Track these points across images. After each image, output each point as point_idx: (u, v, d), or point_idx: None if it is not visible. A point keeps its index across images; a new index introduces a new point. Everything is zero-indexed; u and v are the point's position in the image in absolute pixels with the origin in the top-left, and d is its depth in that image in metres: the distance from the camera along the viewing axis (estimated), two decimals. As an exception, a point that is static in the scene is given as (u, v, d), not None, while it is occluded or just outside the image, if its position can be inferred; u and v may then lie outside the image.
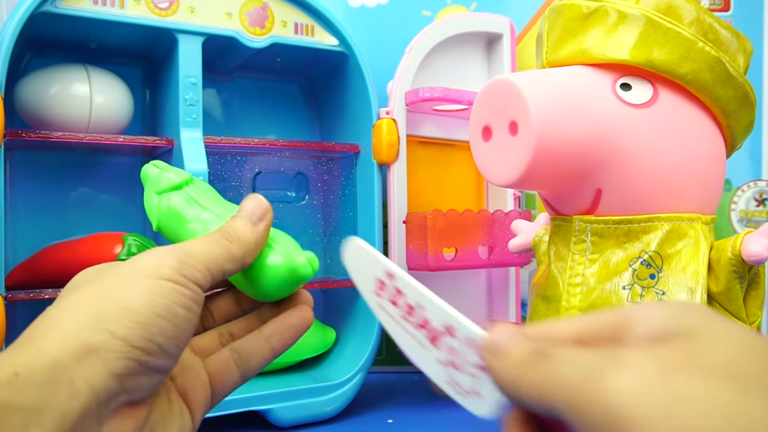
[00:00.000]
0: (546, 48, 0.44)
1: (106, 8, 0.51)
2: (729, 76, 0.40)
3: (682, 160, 0.40)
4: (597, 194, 0.41)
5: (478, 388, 0.24)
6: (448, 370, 0.25)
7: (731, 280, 0.39)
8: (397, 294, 0.27)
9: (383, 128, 0.61)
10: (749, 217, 0.75)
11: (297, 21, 0.59)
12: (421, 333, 0.26)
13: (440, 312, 0.25)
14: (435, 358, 0.26)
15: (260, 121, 0.70)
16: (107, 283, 0.28)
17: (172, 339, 0.28)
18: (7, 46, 0.47)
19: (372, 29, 0.74)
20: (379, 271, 0.28)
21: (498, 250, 0.64)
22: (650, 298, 0.39)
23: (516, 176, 0.39)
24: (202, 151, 0.54)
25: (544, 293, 0.44)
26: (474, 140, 0.43)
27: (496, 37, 0.71)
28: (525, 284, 0.74)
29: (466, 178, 0.72)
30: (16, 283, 0.53)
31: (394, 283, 0.27)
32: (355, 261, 0.29)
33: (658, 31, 0.39)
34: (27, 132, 0.50)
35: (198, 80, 0.55)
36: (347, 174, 0.66)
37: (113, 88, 0.56)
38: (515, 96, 0.38)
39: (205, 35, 0.55)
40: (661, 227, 0.40)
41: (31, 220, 0.59)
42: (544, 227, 0.51)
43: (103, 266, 0.31)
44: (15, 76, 0.55)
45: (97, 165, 0.62)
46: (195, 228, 0.34)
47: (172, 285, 0.28)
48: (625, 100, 0.40)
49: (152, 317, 0.27)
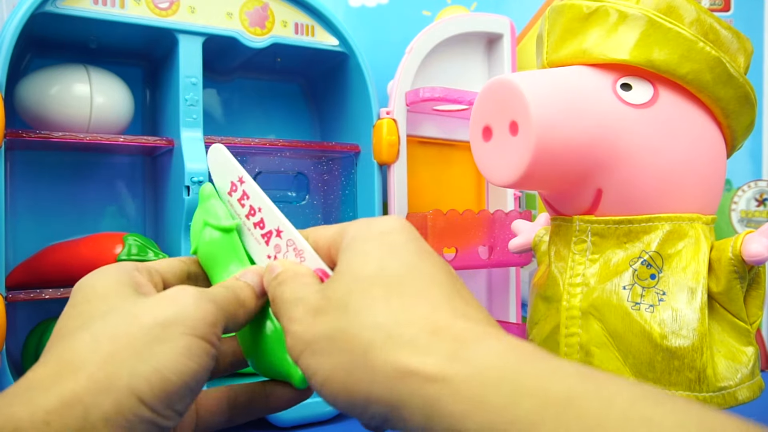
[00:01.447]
0: (546, 48, 0.44)
1: (106, 8, 0.51)
2: (729, 76, 0.40)
3: (682, 160, 0.40)
4: (597, 194, 0.41)
5: None
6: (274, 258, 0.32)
7: (732, 280, 0.39)
8: (244, 196, 0.33)
9: (383, 128, 0.61)
10: (750, 217, 0.75)
11: (297, 21, 0.59)
12: (257, 231, 0.32)
13: (273, 216, 0.32)
14: (265, 253, 0.32)
15: (260, 121, 0.70)
16: (145, 330, 0.26)
17: (189, 402, 0.27)
18: (8, 46, 0.47)
19: (372, 29, 0.74)
20: (233, 175, 0.34)
21: (498, 250, 0.64)
22: (651, 298, 0.39)
23: (516, 176, 0.39)
24: (202, 151, 0.54)
25: (545, 293, 0.44)
26: (474, 140, 0.43)
27: (496, 37, 0.71)
28: (525, 284, 0.73)
29: (467, 178, 0.72)
30: (16, 283, 0.53)
31: (244, 187, 0.33)
32: (216, 163, 0.35)
33: (658, 31, 0.39)
34: (27, 132, 0.50)
35: (198, 80, 0.55)
36: (347, 174, 0.66)
37: (113, 88, 0.56)
38: (515, 96, 0.38)
39: (206, 35, 0.55)
40: (661, 227, 0.40)
41: (31, 220, 0.59)
42: (545, 227, 0.51)
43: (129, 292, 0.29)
44: (15, 76, 0.55)
45: (98, 165, 0.62)
46: (224, 278, 0.33)
47: (205, 346, 0.27)
48: (625, 100, 0.40)
49: (181, 386, 0.26)
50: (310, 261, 0.30)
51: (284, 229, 0.31)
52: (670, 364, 0.38)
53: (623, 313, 0.39)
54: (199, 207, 0.35)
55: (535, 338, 0.45)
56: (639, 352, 0.39)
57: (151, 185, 0.63)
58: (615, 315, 0.40)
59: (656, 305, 0.39)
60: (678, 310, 0.38)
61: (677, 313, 0.38)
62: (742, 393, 0.39)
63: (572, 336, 0.41)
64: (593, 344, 0.40)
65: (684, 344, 0.38)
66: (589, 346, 0.40)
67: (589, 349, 0.40)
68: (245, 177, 0.33)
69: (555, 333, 0.42)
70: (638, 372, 0.39)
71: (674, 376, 0.38)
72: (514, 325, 0.68)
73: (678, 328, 0.38)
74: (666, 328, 0.38)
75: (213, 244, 0.33)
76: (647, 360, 0.38)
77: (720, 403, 0.38)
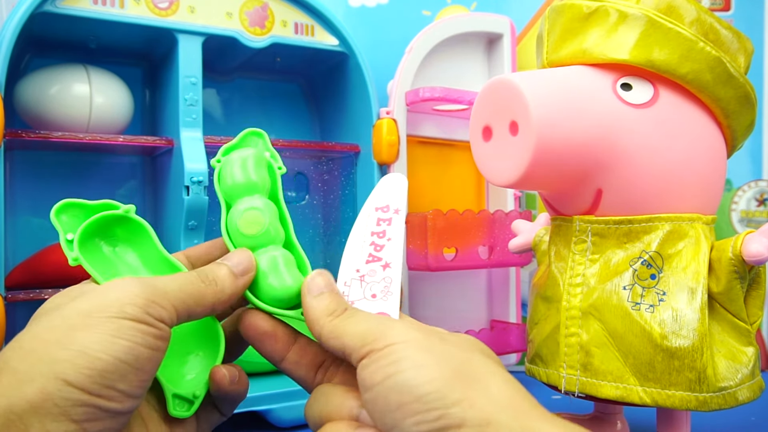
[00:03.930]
0: (546, 48, 0.44)
1: (106, 8, 0.51)
2: (729, 76, 0.40)
3: (682, 160, 0.40)
4: (597, 194, 0.41)
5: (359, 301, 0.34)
6: (358, 278, 0.35)
7: (732, 280, 0.39)
8: (388, 222, 0.37)
9: (383, 128, 0.61)
10: (750, 217, 0.75)
11: (297, 21, 0.59)
12: (371, 248, 0.36)
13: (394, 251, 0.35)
14: (357, 266, 0.35)
15: (260, 121, 0.70)
16: (68, 321, 0.27)
17: (135, 382, 0.27)
18: (7, 46, 0.47)
19: (372, 29, 0.74)
20: (396, 203, 0.37)
21: (498, 250, 0.64)
22: (651, 298, 0.39)
23: (516, 176, 0.39)
24: (202, 151, 0.54)
25: (545, 293, 0.44)
26: (474, 140, 0.43)
27: (496, 37, 0.70)
28: (525, 284, 0.73)
29: (466, 178, 0.72)
30: (16, 283, 0.53)
31: (395, 216, 0.37)
32: (390, 186, 0.38)
33: (658, 31, 0.39)
34: (27, 132, 0.50)
35: (198, 80, 0.55)
36: (347, 174, 0.66)
37: (113, 88, 0.56)
38: (515, 96, 0.38)
39: (205, 35, 0.55)
40: (661, 227, 0.40)
41: (31, 220, 0.59)
42: (545, 227, 0.51)
43: (71, 294, 0.30)
44: (15, 76, 0.55)
45: (97, 165, 0.62)
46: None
47: (137, 325, 0.27)
48: (625, 100, 0.40)
49: (113, 362, 0.26)
50: (381, 303, 0.34)
51: (392, 268, 0.35)
52: (670, 365, 0.38)
53: (623, 313, 0.39)
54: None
55: (535, 338, 0.45)
56: (639, 353, 0.39)
57: (150, 185, 0.63)
58: (615, 315, 0.40)
59: (656, 305, 0.39)
60: (678, 310, 0.38)
61: (677, 313, 0.38)
62: (742, 393, 0.39)
63: (572, 336, 0.41)
64: (593, 344, 0.40)
65: (684, 344, 0.38)
66: (589, 346, 0.40)
67: (589, 349, 0.40)
68: (402, 212, 0.37)
69: (555, 333, 0.42)
70: (638, 372, 0.39)
71: (674, 376, 0.38)
72: (514, 325, 0.68)
73: (678, 329, 0.38)
74: (666, 329, 0.38)
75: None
76: (647, 360, 0.38)
77: (720, 403, 0.38)
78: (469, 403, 0.26)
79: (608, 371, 0.40)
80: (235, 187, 0.37)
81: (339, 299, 0.33)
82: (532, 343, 0.45)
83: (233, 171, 0.37)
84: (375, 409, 0.28)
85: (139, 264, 0.36)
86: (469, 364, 0.28)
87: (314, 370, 0.35)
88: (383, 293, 0.34)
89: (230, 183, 0.37)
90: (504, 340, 0.67)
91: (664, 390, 0.38)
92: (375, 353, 0.28)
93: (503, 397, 0.27)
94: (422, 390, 0.26)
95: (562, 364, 0.41)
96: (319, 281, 0.33)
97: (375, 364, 0.28)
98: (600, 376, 0.40)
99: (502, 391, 0.27)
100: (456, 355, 0.29)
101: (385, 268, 0.35)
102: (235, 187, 0.37)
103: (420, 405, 0.26)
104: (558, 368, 0.42)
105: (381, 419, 0.28)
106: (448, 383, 0.27)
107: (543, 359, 0.43)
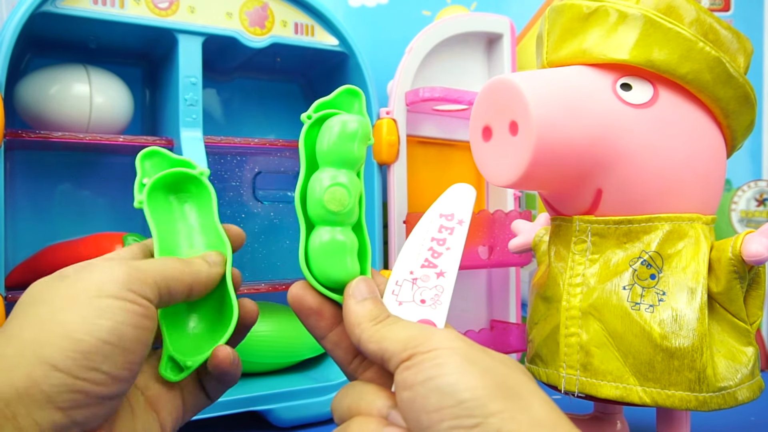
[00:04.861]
0: (546, 48, 0.44)
1: (106, 8, 0.51)
2: (729, 76, 0.40)
3: (682, 160, 0.40)
4: (597, 194, 0.41)
5: (406, 302, 0.34)
6: (411, 280, 0.35)
7: (731, 280, 0.39)
8: (451, 230, 0.36)
9: (383, 128, 0.61)
10: (749, 217, 0.75)
11: (297, 21, 0.59)
12: (428, 253, 0.36)
13: (451, 260, 0.35)
14: (411, 268, 0.35)
15: (260, 121, 0.70)
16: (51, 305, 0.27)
17: (121, 363, 0.27)
18: (7, 46, 0.47)
19: (372, 29, 0.74)
20: (461, 213, 0.37)
21: (498, 250, 0.64)
22: (650, 298, 0.39)
23: (516, 176, 0.39)
24: (202, 151, 0.54)
25: (545, 293, 0.44)
26: (474, 140, 0.43)
27: (496, 37, 0.70)
28: (525, 284, 0.74)
29: (466, 178, 0.72)
30: (16, 283, 0.53)
31: (458, 225, 0.37)
32: (458, 195, 0.38)
33: (658, 31, 0.39)
34: (27, 132, 0.50)
35: (198, 80, 0.55)
36: (347, 174, 0.65)
37: (113, 88, 0.56)
38: (515, 96, 0.38)
39: (205, 35, 0.55)
40: (661, 227, 0.40)
41: (31, 220, 0.59)
42: (545, 227, 0.51)
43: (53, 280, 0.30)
44: (15, 76, 0.55)
45: (97, 165, 0.62)
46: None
47: (118, 302, 0.27)
48: (625, 100, 0.40)
49: (96, 344, 0.26)
50: (428, 310, 0.34)
51: (447, 277, 0.35)
52: (669, 365, 0.38)
53: (623, 313, 0.39)
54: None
55: (535, 338, 0.45)
56: (639, 353, 0.39)
57: (150, 185, 0.63)
58: (615, 315, 0.40)
59: (656, 305, 0.39)
60: (678, 310, 0.38)
61: (677, 313, 0.38)
62: (742, 393, 0.39)
63: (572, 336, 0.41)
64: (593, 344, 0.40)
65: (684, 344, 0.38)
66: (589, 346, 0.40)
67: (589, 349, 0.40)
68: (465, 223, 0.37)
69: (555, 333, 0.42)
70: (638, 372, 0.39)
71: (674, 376, 0.38)
72: (514, 325, 0.68)
73: (678, 328, 0.38)
74: (666, 328, 0.38)
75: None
76: (647, 360, 0.38)
77: (720, 403, 0.38)
78: (509, 415, 0.26)
79: (608, 371, 0.40)
80: (330, 154, 0.35)
81: (381, 307, 0.33)
82: (532, 343, 0.45)
83: (335, 138, 0.35)
84: (411, 408, 0.28)
85: (197, 226, 0.37)
86: (512, 380, 0.28)
87: (352, 356, 0.35)
88: (433, 301, 0.34)
89: (326, 149, 0.35)
90: (504, 340, 0.67)
91: (664, 390, 0.38)
92: (419, 356, 0.28)
93: (543, 416, 0.27)
94: (464, 396, 0.26)
95: (561, 364, 0.41)
96: (362, 287, 0.34)
97: (418, 366, 0.28)
98: (600, 376, 0.40)
99: (543, 410, 0.27)
100: (499, 369, 0.29)
101: (439, 276, 0.35)
102: (330, 154, 0.35)
103: (459, 410, 0.26)
104: (558, 368, 0.42)
105: (416, 418, 0.27)
106: (489, 393, 0.27)
107: (543, 359, 0.43)
